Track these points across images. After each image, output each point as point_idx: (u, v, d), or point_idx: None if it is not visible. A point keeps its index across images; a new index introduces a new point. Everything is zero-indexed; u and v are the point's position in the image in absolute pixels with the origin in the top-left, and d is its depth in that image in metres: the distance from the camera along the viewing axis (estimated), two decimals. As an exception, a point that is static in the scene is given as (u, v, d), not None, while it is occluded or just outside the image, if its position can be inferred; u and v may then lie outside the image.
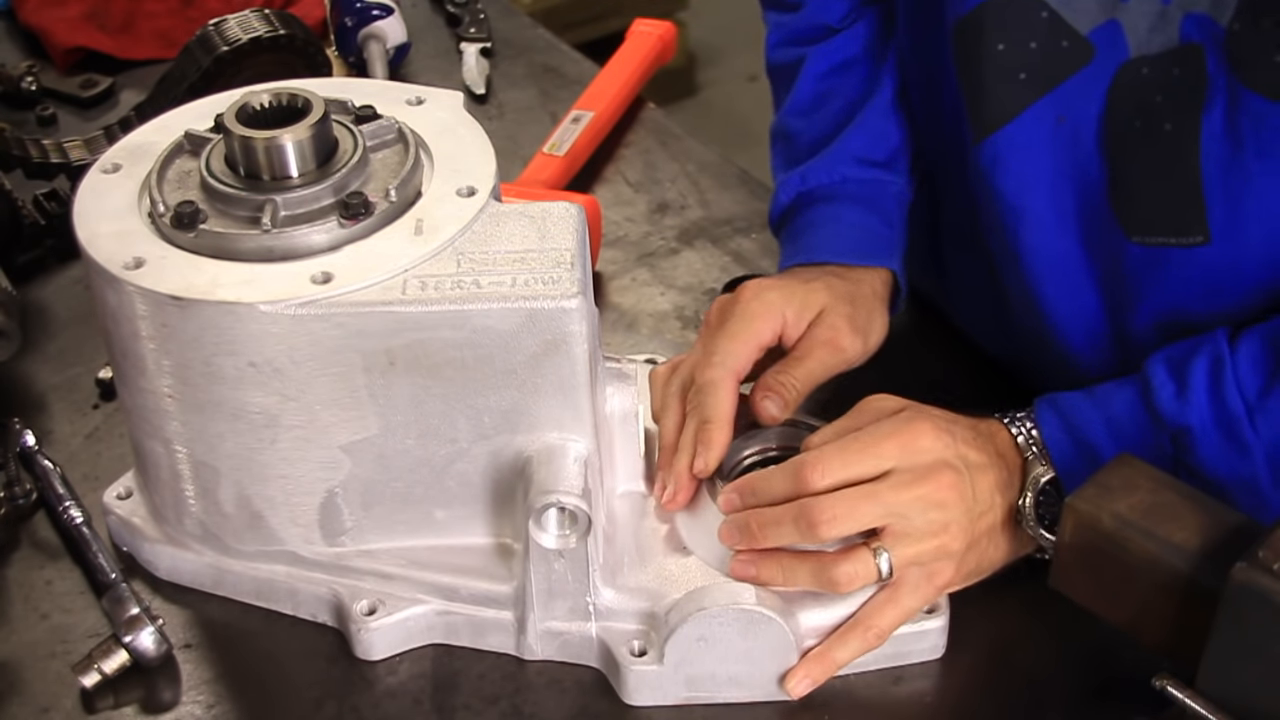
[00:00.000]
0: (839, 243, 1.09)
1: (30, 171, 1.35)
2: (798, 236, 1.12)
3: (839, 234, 1.10)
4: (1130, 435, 0.92)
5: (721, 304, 1.04)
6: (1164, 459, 0.91)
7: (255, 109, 0.93)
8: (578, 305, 0.86)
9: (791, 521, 0.89)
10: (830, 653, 0.91)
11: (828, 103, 1.16)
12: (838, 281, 1.05)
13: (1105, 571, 0.86)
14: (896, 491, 0.89)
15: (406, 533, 0.96)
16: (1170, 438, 0.91)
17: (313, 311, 0.86)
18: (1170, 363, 0.92)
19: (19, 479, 1.07)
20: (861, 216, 1.11)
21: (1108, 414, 0.93)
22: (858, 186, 1.12)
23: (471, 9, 1.68)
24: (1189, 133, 0.91)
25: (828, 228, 1.10)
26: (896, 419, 0.92)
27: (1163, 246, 0.95)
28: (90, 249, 0.89)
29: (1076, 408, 0.94)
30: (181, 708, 0.94)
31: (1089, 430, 0.93)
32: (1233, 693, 0.78)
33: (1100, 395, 0.94)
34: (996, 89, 0.98)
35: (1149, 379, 0.92)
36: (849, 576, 0.89)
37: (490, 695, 0.94)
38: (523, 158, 1.40)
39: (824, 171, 1.13)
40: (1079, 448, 0.93)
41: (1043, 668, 0.95)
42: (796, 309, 1.02)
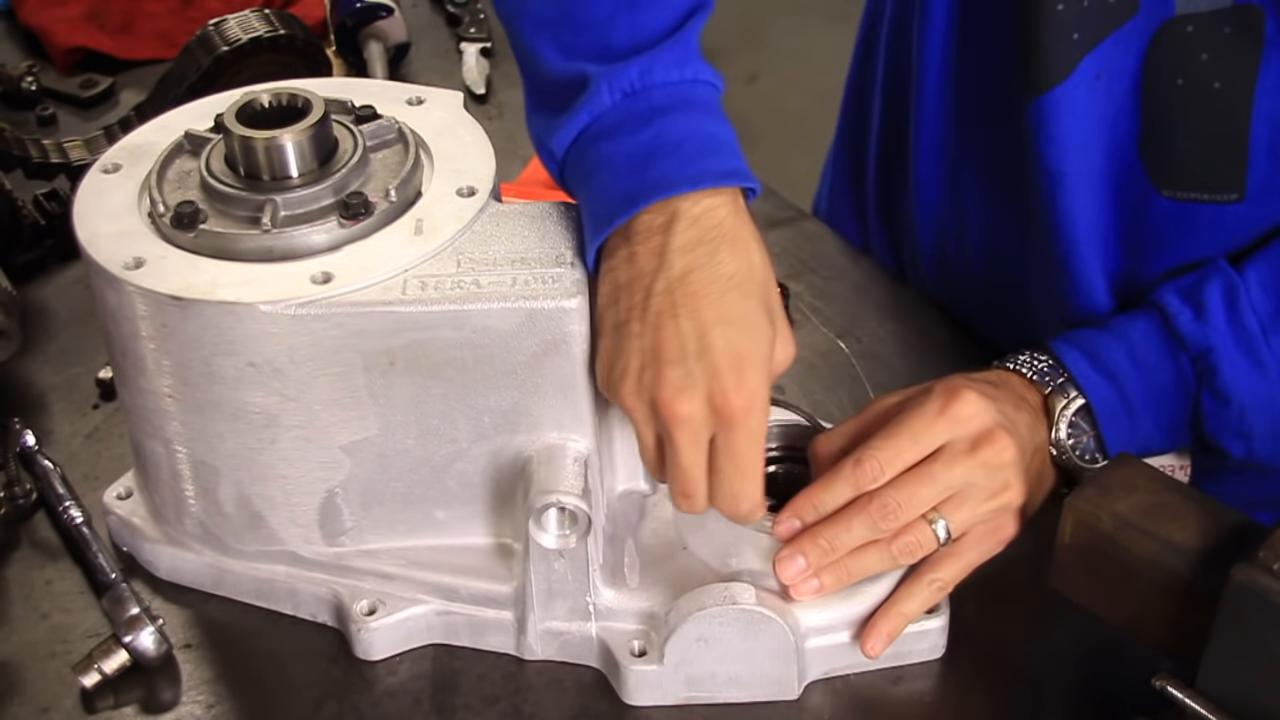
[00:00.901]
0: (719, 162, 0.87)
1: (30, 171, 1.35)
2: (657, 155, 0.86)
3: (716, 151, 0.88)
4: (1152, 362, 0.94)
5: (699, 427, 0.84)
6: (1185, 385, 0.94)
7: (255, 109, 0.93)
8: (578, 305, 0.86)
9: (860, 522, 0.89)
10: (898, 606, 0.91)
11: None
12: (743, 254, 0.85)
13: (1105, 571, 0.86)
14: (951, 466, 0.89)
15: (406, 533, 0.96)
16: (1192, 360, 0.93)
17: (313, 311, 0.86)
18: (1181, 291, 0.94)
19: (19, 479, 1.07)
20: (722, 129, 0.89)
21: (1128, 343, 0.95)
22: (705, 91, 0.90)
23: (471, 9, 1.67)
24: (1241, 91, 0.93)
25: (698, 143, 0.87)
26: (936, 396, 0.90)
27: (1193, 202, 0.97)
28: (90, 249, 0.89)
29: (1097, 340, 0.96)
30: (181, 708, 0.94)
31: (1113, 361, 0.94)
32: (1233, 693, 0.78)
33: (1116, 327, 0.96)
34: (1051, 49, 0.98)
35: (1164, 306, 0.94)
36: (910, 548, 0.89)
37: (490, 695, 0.94)
38: (523, 158, 1.40)
39: (673, 68, 0.88)
40: (1108, 380, 0.94)
41: (1043, 668, 0.95)
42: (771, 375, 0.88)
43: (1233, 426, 0.95)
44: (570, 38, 0.91)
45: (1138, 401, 0.95)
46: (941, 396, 0.90)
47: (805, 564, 0.90)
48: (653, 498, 0.99)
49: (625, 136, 0.87)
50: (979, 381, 0.93)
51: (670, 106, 0.87)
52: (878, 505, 0.88)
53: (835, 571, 0.90)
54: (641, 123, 0.87)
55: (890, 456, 0.89)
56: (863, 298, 1.26)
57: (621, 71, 0.87)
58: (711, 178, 0.85)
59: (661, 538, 0.97)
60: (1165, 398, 0.95)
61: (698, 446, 0.85)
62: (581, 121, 0.88)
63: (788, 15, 4.06)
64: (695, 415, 0.83)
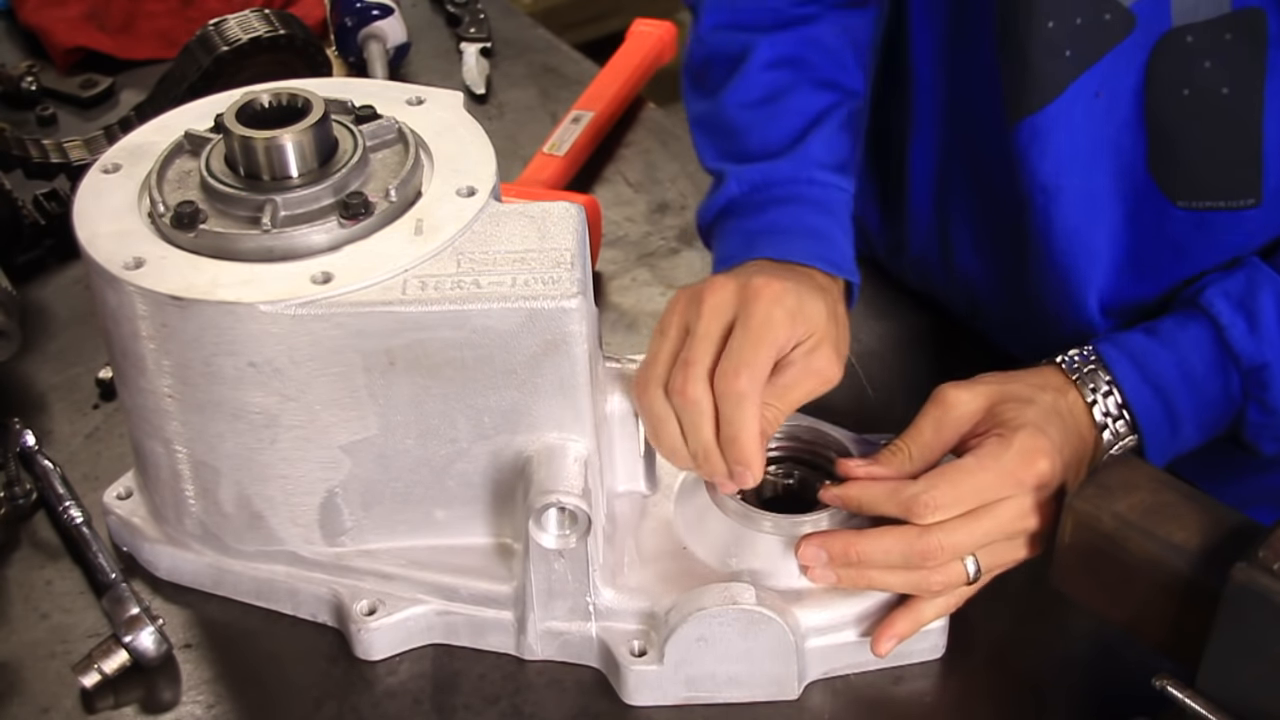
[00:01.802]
0: (811, 246, 1.01)
1: (30, 171, 1.35)
2: (760, 233, 1.02)
3: (809, 237, 1.02)
4: (1201, 374, 0.93)
5: (722, 300, 0.92)
6: (1230, 398, 0.92)
7: (255, 109, 0.93)
8: (578, 305, 0.86)
9: (901, 554, 0.88)
10: (914, 613, 0.91)
11: (786, 98, 1.09)
12: (820, 291, 0.97)
13: (1105, 571, 0.86)
14: (1002, 523, 0.88)
15: (406, 533, 0.96)
16: (1242, 375, 0.92)
17: (313, 311, 0.86)
18: (1232, 298, 0.93)
19: (19, 479, 1.07)
20: (827, 223, 1.04)
21: (1178, 354, 0.93)
22: (822, 191, 1.06)
23: (471, 9, 1.68)
24: (1250, 95, 0.92)
25: (796, 229, 1.03)
26: (1014, 451, 0.88)
27: (1209, 210, 0.97)
28: (90, 249, 0.89)
29: (1147, 351, 0.94)
30: (181, 708, 0.94)
31: (1163, 375, 0.93)
32: (1233, 693, 0.78)
33: (1165, 335, 0.94)
34: (1042, 67, 0.97)
35: (1215, 316, 0.93)
36: (939, 585, 0.89)
37: (490, 695, 0.94)
38: (523, 158, 1.40)
39: (789, 170, 1.05)
40: (1158, 397, 0.93)
41: (1043, 668, 0.95)
42: (801, 323, 0.93)
43: (1274, 432, 0.95)
44: (718, 140, 1.10)
45: (1183, 413, 0.94)
46: (1019, 456, 0.88)
47: (827, 559, 0.90)
48: (653, 498, 0.99)
49: (745, 219, 1.04)
50: (1054, 424, 0.90)
51: (785, 200, 1.03)
52: (921, 549, 0.87)
53: (857, 578, 0.90)
54: (758, 210, 1.04)
55: (950, 503, 0.87)
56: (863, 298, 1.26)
57: (748, 171, 1.05)
58: (800, 256, 0.98)
59: (661, 538, 0.97)
60: (1209, 408, 0.94)
61: (715, 317, 0.91)
62: (719, 204, 1.06)
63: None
64: (725, 289, 0.92)
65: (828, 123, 1.07)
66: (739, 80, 1.10)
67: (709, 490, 0.96)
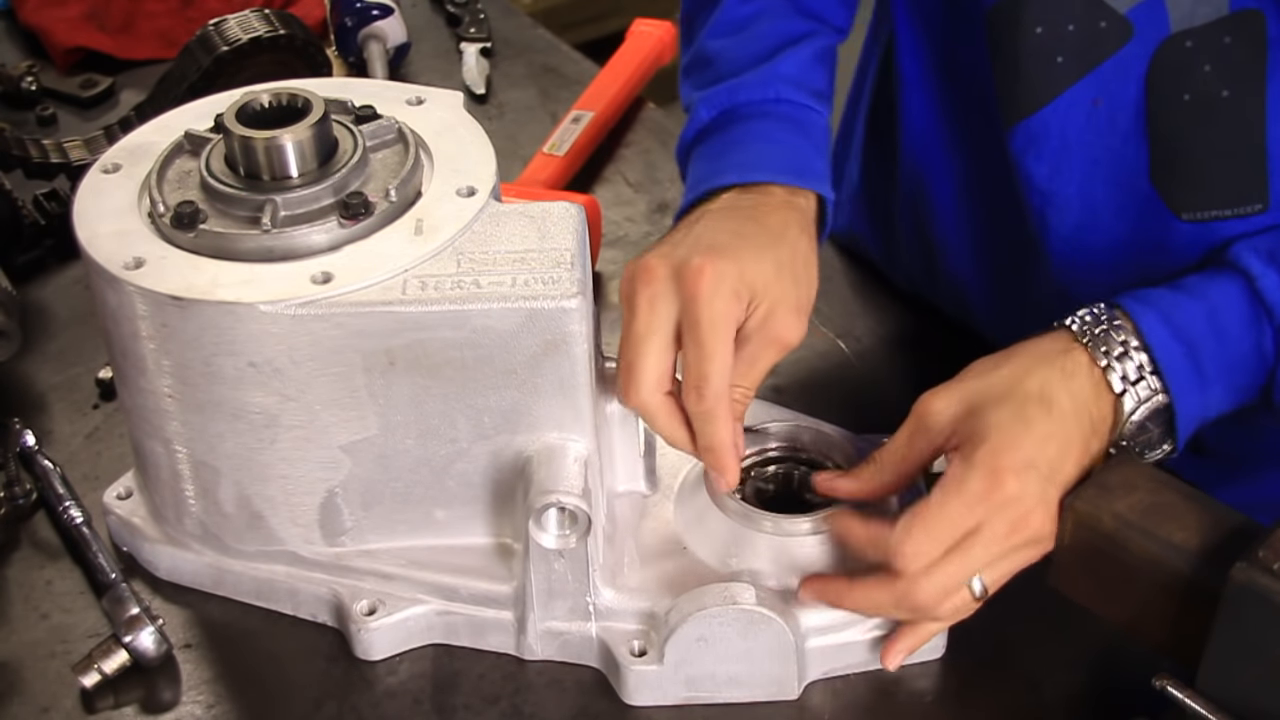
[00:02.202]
0: (776, 161, 0.98)
1: (30, 171, 1.35)
2: (725, 153, 1.01)
3: (775, 152, 0.99)
4: (1231, 329, 0.88)
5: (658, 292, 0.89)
6: (1262, 354, 0.88)
7: (255, 109, 0.93)
8: (578, 305, 0.86)
9: (891, 606, 0.87)
10: (925, 624, 0.90)
11: (757, 24, 1.07)
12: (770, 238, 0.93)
13: (1105, 571, 0.86)
14: (987, 549, 0.84)
15: (406, 533, 0.96)
16: (1276, 329, 0.88)
17: (313, 311, 0.86)
18: (1261, 253, 0.89)
19: (19, 479, 1.07)
20: (795, 138, 1.01)
21: (1208, 305, 0.89)
22: (790, 108, 1.03)
23: (471, 9, 1.67)
24: (1252, 98, 0.91)
25: (761, 144, 1.00)
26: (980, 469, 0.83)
27: (1216, 220, 0.95)
28: (90, 249, 0.89)
29: (1175, 304, 0.89)
30: (181, 708, 0.94)
31: (1192, 328, 0.88)
32: (1233, 693, 0.78)
33: (1192, 288, 0.90)
34: (1033, 73, 0.97)
35: (1246, 269, 0.89)
36: (951, 615, 0.88)
37: (490, 695, 0.94)
38: (523, 158, 1.40)
39: (756, 87, 1.03)
40: (1185, 349, 0.88)
41: (1043, 668, 0.95)
42: (747, 294, 0.90)
43: None
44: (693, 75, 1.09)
45: (1212, 371, 0.88)
46: (983, 479, 0.83)
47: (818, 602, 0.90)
48: (653, 498, 0.99)
49: (711, 143, 1.03)
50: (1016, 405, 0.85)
51: (750, 117, 1.02)
52: (912, 602, 0.85)
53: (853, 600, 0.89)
54: (723, 131, 1.02)
55: (929, 547, 0.84)
56: (862, 298, 1.26)
57: (714, 94, 1.04)
58: (762, 174, 0.97)
59: (661, 538, 0.97)
60: (1240, 367, 0.90)
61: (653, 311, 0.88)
62: (690, 134, 1.05)
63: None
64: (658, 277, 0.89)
65: (802, 48, 1.05)
66: (715, 15, 1.09)
67: (709, 490, 0.96)
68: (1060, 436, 0.85)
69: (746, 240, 0.91)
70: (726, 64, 1.05)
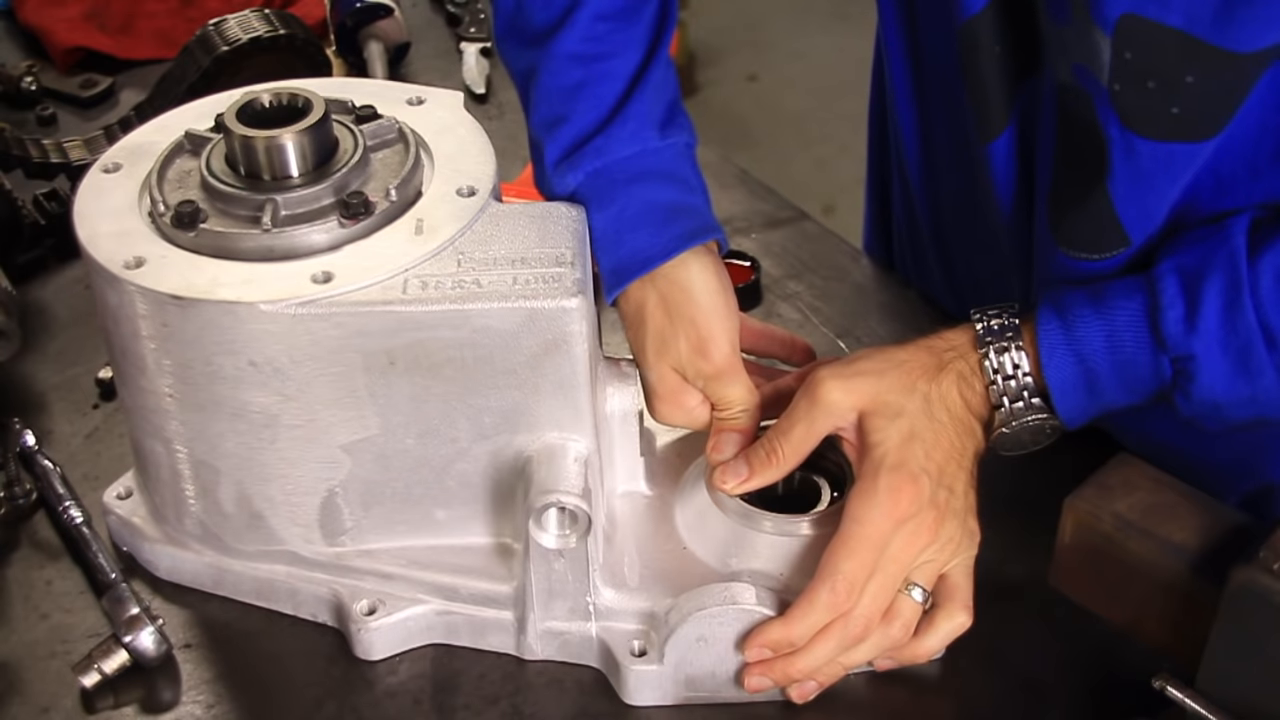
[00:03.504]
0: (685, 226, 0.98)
1: (30, 171, 1.35)
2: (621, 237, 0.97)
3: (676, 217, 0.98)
4: (1129, 352, 0.89)
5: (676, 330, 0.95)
6: (1161, 378, 0.89)
7: (255, 109, 0.93)
8: (578, 305, 0.86)
9: (837, 643, 0.90)
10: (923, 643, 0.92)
11: (601, 62, 1.00)
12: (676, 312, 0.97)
13: (1105, 571, 0.86)
14: (899, 560, 0.89)
15: (406, 533, 0.96)
16: (1171, 361, 0.88)
17: (313, 311, 0.86)
18: (1183, 275, 0.88)
19: (19, 479, 1.07)
20: (681, 193, 1.00)
21: (1111, 326, 0.90)
22: (656, 159, 1.00)
23: (471, 9, 1.68)
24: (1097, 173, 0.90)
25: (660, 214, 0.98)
26: (879, 490, 0.89)
27: (1085, 261, 0.94)
28: (90, 249, 0.89)
29: (1081, 317, 0.90)
30: (181, 708, 0.94)
31: (1091, 346, 0.90)
32: (1233, 693, 0.78)
33: (1107, 300, 0.90)
34: (997, 94, 0.97)
35: (1158, 294, 0.88)
36: (900, 631, 0.91)
37: (490, 695, 0.94)
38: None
39: (623, 144, 0.98)
40: (1078, 364, 0.90)
41: (1043, 668, 0.95)
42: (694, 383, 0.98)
43: (1209, 416, 0.90)
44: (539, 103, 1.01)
45: (1104, 382, 0.90)
46: (886, 496, 0.88)
47: (772, 685, 0.91)
48: (653, 498, 0.99)
49: (600, 210, 0.97)
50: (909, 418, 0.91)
51: (630, 179, 0.97)
52: (852, 633, 0.89)
53: (830, 674, 0.91)
54: (609, 199, 0.97)
55: (862, 573, 0.88)
56: (863, 298, 1.27)
57: (582, 155, 0.97)
58: (675, 248, 0.96)
59: (661, 538, 0.97)
60: (1137, 381, 0.90)
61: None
62: (569, 187, 0.98)
63: (788, 15, 4.07)
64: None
65: (653, 67, 1.01)
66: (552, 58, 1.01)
67: (709, 490, 0.96)
68: (944, 444, 0.91)
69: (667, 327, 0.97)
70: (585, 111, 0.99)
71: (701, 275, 0.96)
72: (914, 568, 0.90)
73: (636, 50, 1.01)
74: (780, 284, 1.27)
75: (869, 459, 0.91)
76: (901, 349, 0.94)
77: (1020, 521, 0.96)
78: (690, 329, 0.95)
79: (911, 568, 0.90)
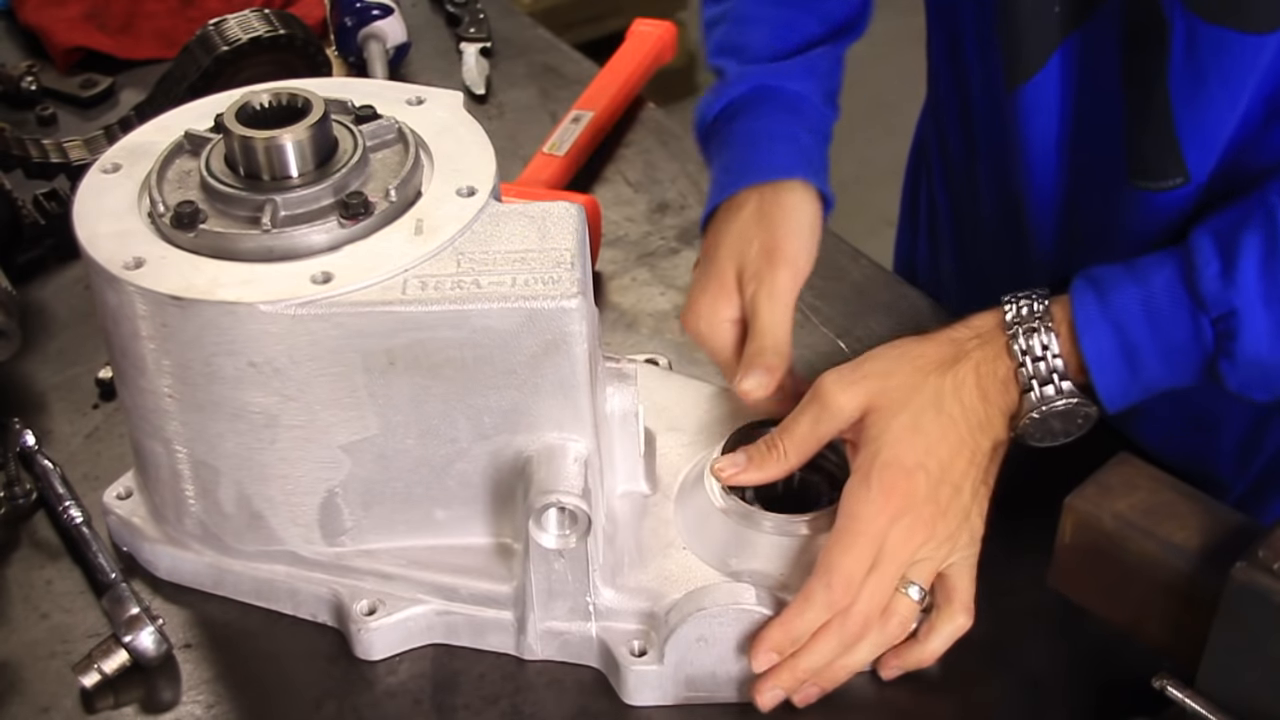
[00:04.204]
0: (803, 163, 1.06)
1: (30, 171, 1.35)
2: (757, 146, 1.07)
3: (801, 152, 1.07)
4: (1167, 318, 0.88)
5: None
6: (1202, 345, 0.88)
7: (255, 109, 0.93)
8: (578, 305, 0.86)
9: (837, 640, 0.89)
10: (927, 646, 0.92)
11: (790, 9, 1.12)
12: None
13: (1105, 571, 0.86)
14: (896, 557, 0.89)
15: (406, 533, 0.96)
16: (1212, 322, 0.87)
17: (313, 311, 0.86)
18: (1217, 236, 0.87)
19: (19, 479, 1.07)
20: (821, 154, 1.10)
21: (1147, 290, 0.89)
22: (814, 114, 1.10)
23: (471, 9, 1.67)
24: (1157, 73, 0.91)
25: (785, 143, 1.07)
26: (873, 486, 0.89)
27: (1145, 190, 0.95)
28: (90, 249, 0.89)
29: (1116, 285, 0.90)
30: (181, 708, 0.94)
31: (1125, 310, 0.89)
32: (1233, 693, 0.78)
33: (1142, 269, 0.90)
34: (1030, 33, 0.97)
35: (1192, 255, 0.87)
36: (897, 630, 0.91)
37: (490, 695, 0.94)
38: (523, 158, 1.40)
39: (796, 80, 1.09)
40: (1116, 333, 0.89)
41: (1043, 667, 0.95)
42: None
43: (1257, 382, 0.89)
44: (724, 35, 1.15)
45: (1144, 354, 0.89)
46: (880, 493, 0.89)
47: (785, 694, 0.91)
48: (653, 498, 0.99)
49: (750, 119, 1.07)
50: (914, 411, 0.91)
51: (788, 109, 1.07)
52: (851, 630, 0.89)
53: (832, 677, 0.91)
54: (763, 112, 1.07)
55: (858, 570, 0.88)
56: (863, 298, 1.26)
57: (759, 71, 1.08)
58: (808, 172, 1.05)
59: (661, 538, 0.97)
60: (1178, 351, 0.89)
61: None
62: (718, 105, 1.09)
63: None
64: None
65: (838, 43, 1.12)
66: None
67: (709, 491, 0.96)
68: (951, 439, 0.91)
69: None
70: (763, 49, 1.11)
71: (807, 207, 1.03)
72: (910, 565, 0.90)
73: (821, 25, 1.11)
74: (780, 284, 1.27)
75: (864, 454, 0.91)
76: (919, 341, 0.94)
77: (1020, 521, 0.96)
78: (770, 237, 1.00)
79: (908, 565, 0.90)
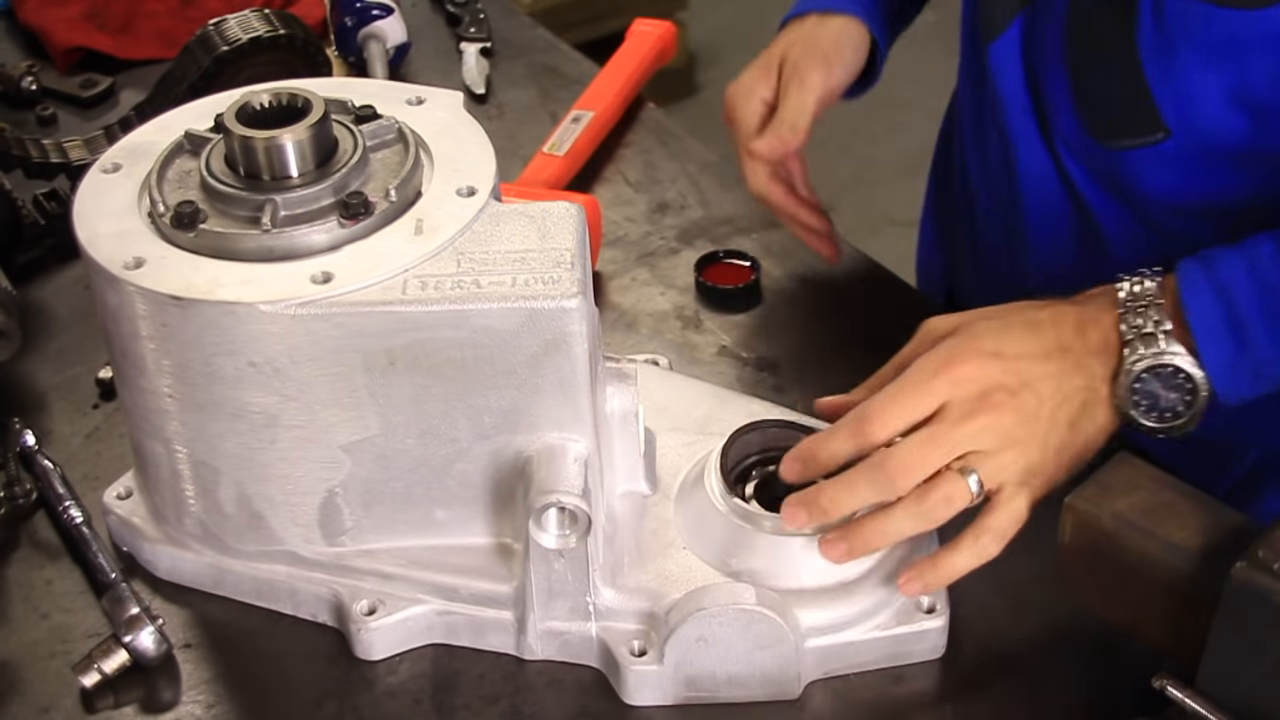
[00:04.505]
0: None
1: (30, 171, 1.35)
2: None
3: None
4: (1274, 286, 0.88)
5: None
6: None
7: (255, 109, 0.93)
8: (578, 305, 0.86)
9: (865, 482, 0.88)
10: (950, 558, 0.90)
11: None
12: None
13: (1105, 571, 0.86)
14: (956, 426, 0.88)
15: (406, 533, 0.96)
16: None
17: (313, 311, 0.86)
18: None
19: (19, 479, 1.07)
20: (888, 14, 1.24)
21: (1252, 259, 0.89)
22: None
23: (471, 9, 1.68)
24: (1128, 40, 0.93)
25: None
26: (939, 351, 0.90)
27: (1129, 149, 0.96)
28: (90, 249, 0.89)
29: (1220, 256, 0.90)
30: (181, 708, 0.94)
31: (1229, 275, 0.88)
32: (1233, 693, 0.78)
33: (1247, 243, 0.90)
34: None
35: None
36: (943, 503, 0.88)
37: (490, 695, 0.94)
38: (523, 158, 1.40)
39: None
40: (1219, 297, 0.88)
41: (1043, 667, 0.95)
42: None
43: None
44: None
45: (1250, 322, 0.88)
46: (949, 353, 0.89)
47: (806, 519, 0.90)
48: (653, 498, 0.99)
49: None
50: (1016, 327, 0.90)
51: None
52: (881, 465, 0.88)
53: (862, 538, 0.89)
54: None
55: (894, 414, 0.88)
56: (863, 298, 1.27)
57: None
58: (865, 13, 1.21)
59: (661, 538, 0.97)
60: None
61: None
62: None
63: (788, 15, 4.07)
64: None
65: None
66: None
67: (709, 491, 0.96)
68: (1038, 353, 0.89)
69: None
70: None
71: (853, 32, 1.19)
72: (972, 450, 0.87)
73: None
74: (780, 284, 1.27)
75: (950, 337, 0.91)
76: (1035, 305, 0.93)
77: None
78: (813, 44, 1.17)
79: (968, 445, 0.87)
